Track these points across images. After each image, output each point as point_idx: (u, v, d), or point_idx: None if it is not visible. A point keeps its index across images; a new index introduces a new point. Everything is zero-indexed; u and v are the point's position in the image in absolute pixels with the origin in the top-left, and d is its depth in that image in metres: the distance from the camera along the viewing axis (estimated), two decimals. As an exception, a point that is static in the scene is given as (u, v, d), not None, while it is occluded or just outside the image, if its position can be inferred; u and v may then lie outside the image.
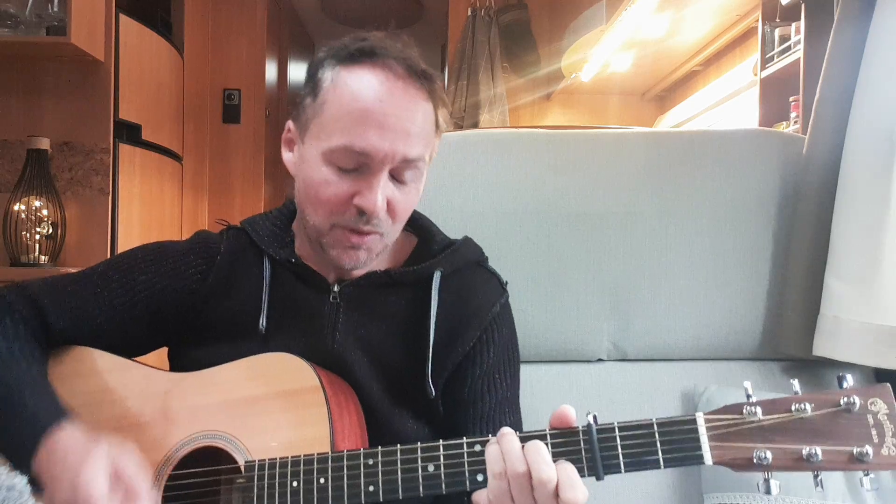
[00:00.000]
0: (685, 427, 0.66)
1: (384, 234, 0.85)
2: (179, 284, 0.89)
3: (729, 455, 0.64)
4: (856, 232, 1.09)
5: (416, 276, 0.89)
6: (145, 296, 0.89)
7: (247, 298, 0.89)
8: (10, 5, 1.97)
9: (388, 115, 0.77)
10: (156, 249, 0.92)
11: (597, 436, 0.66)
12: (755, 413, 0.65)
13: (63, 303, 0.87)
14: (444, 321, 0.88)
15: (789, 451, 0.63)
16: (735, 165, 1.18)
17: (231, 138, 3.26)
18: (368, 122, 0.77)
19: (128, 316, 0.89)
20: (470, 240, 0.97)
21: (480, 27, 3.41)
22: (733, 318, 1.17)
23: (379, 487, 0.71)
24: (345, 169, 0.80)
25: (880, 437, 0.63)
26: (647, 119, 3.92)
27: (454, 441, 0.70)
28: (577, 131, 1.24)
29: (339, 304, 0.89)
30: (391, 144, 0.78)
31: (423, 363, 0.86)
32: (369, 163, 0.79)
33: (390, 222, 0.83)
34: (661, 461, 0.65)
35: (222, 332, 0.88)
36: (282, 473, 0.74)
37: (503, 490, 0.65)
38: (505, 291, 0.95)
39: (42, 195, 1.98)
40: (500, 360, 0.91)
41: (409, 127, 0.79)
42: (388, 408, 0.87)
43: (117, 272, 0.90)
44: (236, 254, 0.91)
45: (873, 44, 1.09)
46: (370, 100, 0.78)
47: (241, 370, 0.83)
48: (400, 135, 0.78)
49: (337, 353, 0.87)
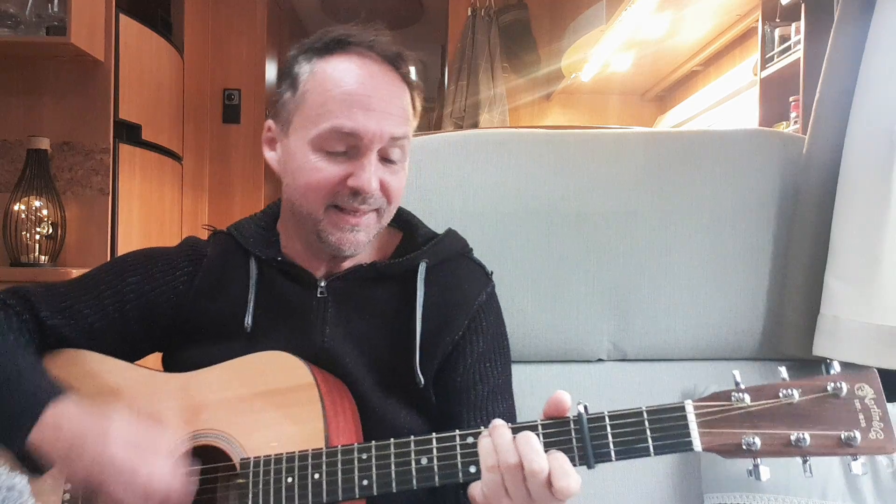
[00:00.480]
0: (674, 414, 0.67)
1: (380, 212, 0.86)
2: (168, 287, 0.91)
3: (718, 441, 0.65)
4: (856, 232, 1.09)
5: (401, 268, 0.91)
6: (134, 297, 0.90)
7: (234, 299, 0.90)
8: (10, 5, 1.97)
9: (372, 98, 0.81)
10: (145, 254, 0.95)
11: (587, 425, 0.67)
12: (743, 399, 0.65)
13: (55, 302, 0.89)
14: (432, 311, 0.89)
15: (777, 436, 0.64)
16: (735, 165, 1.18)
17: (231, 138, 3.26)
18: (354, 104, 0.80)
19: (118, 317, 0.90)
20: (454, 231, 0.99)
21: (480, 27, 3.41)
22: (733, 318, 1.17)
23: (373, 481, 0.72)
24: (334, 153, 0.82)
25: (867, 421, 0.63)
26: (647, 119, 3.92)
27: (447, 434, 0.71)
28: (577, 131, 1.24)
29: (328, 300, 0.90)
30: (378, 124, 0.80)
31: (412, 353, 0.87)
32: (358, 144, 0.81)
33: (385, 202, 0.85)
34: (651, 448, 0.66)
35: (211, 333, 0.90)
36: (276, 470, 0.75)
37: (496, 482, 0.66)
38: (490, 281, 0.96)
39: (42, 195, 1.99)
40: (489, 349, 0.92)
41: (392, 107, 0.82)
42: (380, 399, 0.88)
43: (108, 275, 0.92)
44: (223, 256, 0.93)
45: (873, 44, 1.09)
46: (352, 84, 0.81)
47: (235, 369, 0.83)
48: (385, 115, 0.81)
49: (327, 348, 0.88)
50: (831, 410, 0.64)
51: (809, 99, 1.63)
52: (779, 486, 1.01)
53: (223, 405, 0.81)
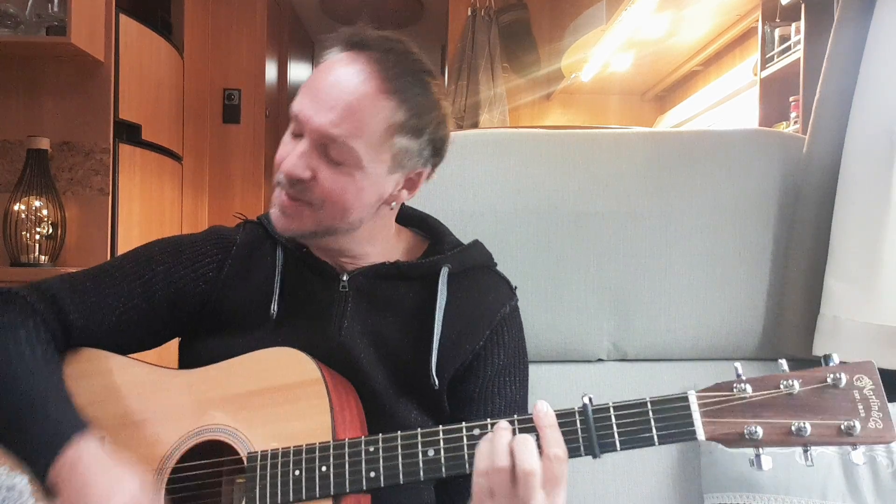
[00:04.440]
0: (678, 405, 0.68)
1: (313, 207, 0.82)
2: (196, 274, 0.91)
3: (721, 430, 0.67)
4: (856, 232, 1.09)
5: (424, 270, 0.91)
6: (163, 286, 0.90)
7: (260, 286, 0.91)
8: (10, 5, 1.97)
9: (323, 89, 0.81)
10: (172, 241, 0.94)
11: (592, 416, 0.69)
12: (745, 390, 0.67)
13: (83, 300, 0.88)
14: (453, 317, 0.89)
15: (779, 425, 0.66)
16: (735, 165, 1.18)
17: (231, 138, 3.26)
18: (306, 89, 0.82)
19: (147, 306, 0.90)
20: (479, 243, 0.99)
21: (480, 27, 3.41)
22: (733, 318, 1.17)
23: (380, 473, 0.72)
24: (292, 136, 0.84)
25: (867, 410, 0.65)
26: (647, 119, 3.92)
27: (454, 426, 0.72)
28: (577, 131, 1.24)
29: (349, 294, 0.90)
30: (314, 113, 0.80)
31: (428, 355, 0.87)
32: (300, 129, 0.82)
33: (320, 199, 0.81)
34: (656, 438, 0.68)
35: (236, 320, 0.90)
36: (284, 463, 0.75)
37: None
38: (514, 295, 0.96)
39: (42, 195, 1.98)
40: (509, 363, 0.92)
41: (337, 104, 0.79)
42: (392, 398, 0.88)
43: (135, 264, 0.91)
44: (252, 245, 0.94)
45: (873, 44, 1.09)
46: (319, 73, 0.82)
47: (243, 365, 0.84)
48: (325, 107, 0.79)
49: (343, 342, 0.88)
50: (831, 400, 0.66)
51: (809, 99, 1.63)
52: (779, 485, 1.01)
53: (230, 401, 0.82)
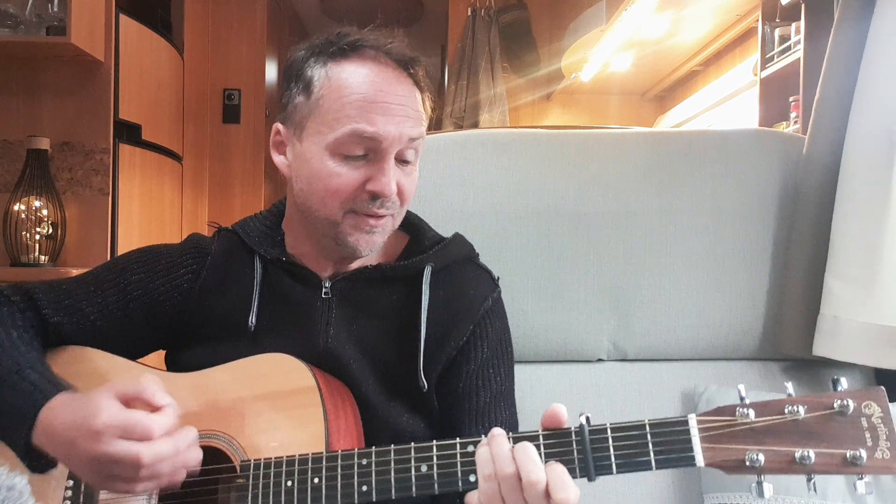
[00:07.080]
0: (677, 428, 0.65)
1: (395, 216, 0.88)
2: (172, 284, 0.91)
3: (721, 457, 0.64)
4: (855, 232, 1.09)
5: (407, 271, 0.91)
6: (139, 295, 0.90)
7: (238, 298, 0.90)
8: (10, 5, 1.97)
9: (390, 102, 0.82)
10: (149, 251, 0.94)
11: (589, 437, 0.66)
12: (748, 415, 0.64)
13: (57, 299, 0.89)
14: (437, 316, 0.89)
15: (782, 453, 0.63)
16: (735, 165, 1.18)
17: (231, 138, 3.26)
18: (373, 108, 0.81)
19: (122, 315, 0.90)
20: (460, 236, 0.98)
21: (480, 27, 3.42)
22: (733, 318, 1.17)
23: (372, 487, 0.71)
24: (352, 157, 0.82)
25: (874, 440, 0.62)
26: (647, 119, 3.92)
27: (447, 441, 0.71)
28: (577, 131, 1.24)
29: (332, 300, 0.89)
30: (397, 127, 0.81)
31: (416, 357, 0.87)
32: (377, 147, 0.81)
33: (398, 204, 0.86)
34: (653, 462, 0.65)
35: (215, 331, 0.90)
36: (276, 473, 0.75)
37: (493, 492, 0.65)
38: (497, 286, 0.96)
39: (42, 195, 1.98)
40: (493, 355, 0.92)
41: (408, 110, 0.83)
42: (382, 402, 0.88)
43: (111, 273, 0.92)
44: (228, 254, 0.93)
45: (873, 44, 1.09)
46: (370, 88, 0.81)
47: (238, 371, 0.83)
48: (402, 118, 0.82)
49: (331, 349, 0.88)
50: (837, 428, 0.63)
51: (809, 99, 1.63)
52: (779, 486, 1.01)
53: (224, 407, 0.81)
